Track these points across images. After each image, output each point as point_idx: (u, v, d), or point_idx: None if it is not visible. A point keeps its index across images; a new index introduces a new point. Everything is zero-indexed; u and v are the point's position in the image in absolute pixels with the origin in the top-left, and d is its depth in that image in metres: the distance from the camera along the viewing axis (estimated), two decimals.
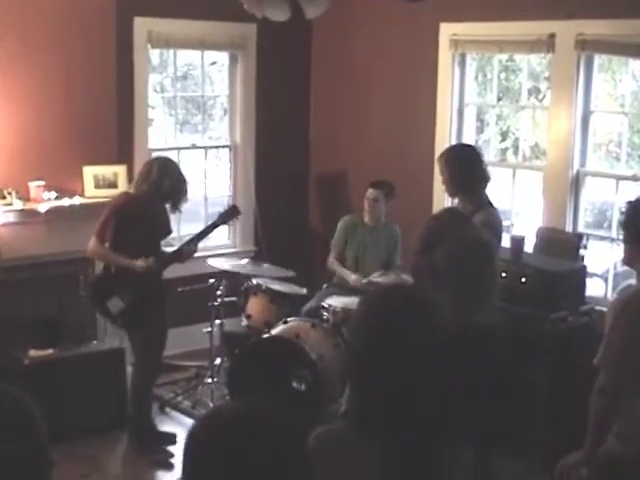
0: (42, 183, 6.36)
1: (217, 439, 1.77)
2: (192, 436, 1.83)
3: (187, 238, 6.08)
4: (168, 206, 5.73)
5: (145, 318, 5.63)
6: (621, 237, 3.84)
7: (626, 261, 3.77)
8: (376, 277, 6.44)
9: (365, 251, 6.78)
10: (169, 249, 6.04)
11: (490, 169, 5.73)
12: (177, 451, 5.69)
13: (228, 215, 6.11)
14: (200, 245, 5.99)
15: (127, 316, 5.66)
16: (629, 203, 3.74)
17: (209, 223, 6.19)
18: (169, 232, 5.99)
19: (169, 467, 5.56)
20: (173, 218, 6.04)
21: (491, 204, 5.44)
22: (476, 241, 3.38)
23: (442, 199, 6.73)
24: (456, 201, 5.72)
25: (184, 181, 5.70)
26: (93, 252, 5.74)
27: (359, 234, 6.82)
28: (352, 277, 6.65)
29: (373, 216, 6.78)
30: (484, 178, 5.44)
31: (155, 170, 5.61)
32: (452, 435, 2.28)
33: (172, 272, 5.91)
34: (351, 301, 5.79)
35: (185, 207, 5.91)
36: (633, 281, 3.94)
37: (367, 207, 6.78)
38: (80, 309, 6.28)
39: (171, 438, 5.84)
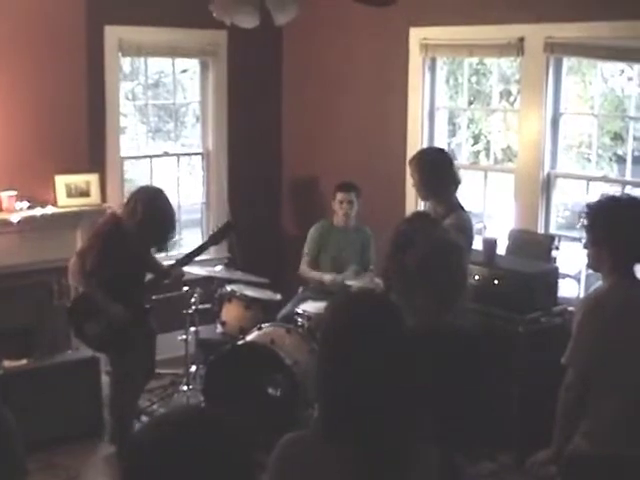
0: (14, 193, 6.32)
1: (156, 446, 1.75)
2: (134, 442, 1.80)
3: (178, 257, 5.98)
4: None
5: (124, 340, 5.51)
6: (584, 241, 3.74)
7: (592, 264, 3.73)
8: (350, 275, 6.46)
9: (342, 253, 6.80)
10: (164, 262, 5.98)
11: (462, 172, 5.77)
12: None
13: (221, 234, 5.93)
14: (172, 253, 5.90)
15: (103, 340, 5.55)
16: (589, 207, 3.66)
17: (199, 244, 6.01)
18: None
19: None
20: None
21: (462, 207, 5.46)
22: (445, 243, 3.41)
23: (414, 202, 6.75)
24: (428, 204, 5.75)
25: (171, 221, 5.46)
26: (74, 277, 5.56)
27: (332, 238, 6.85)
28: (328, 277, 6.67)
29: (349, 218, 6.81)
30: (455, 182, 5.47)
31: (140, 210, 5.34)
32: (421, 438, 2.28)
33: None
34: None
35: None
36: None
37: (342, 210, 6.79)
38: (54, 319, 6.23)
39: None
